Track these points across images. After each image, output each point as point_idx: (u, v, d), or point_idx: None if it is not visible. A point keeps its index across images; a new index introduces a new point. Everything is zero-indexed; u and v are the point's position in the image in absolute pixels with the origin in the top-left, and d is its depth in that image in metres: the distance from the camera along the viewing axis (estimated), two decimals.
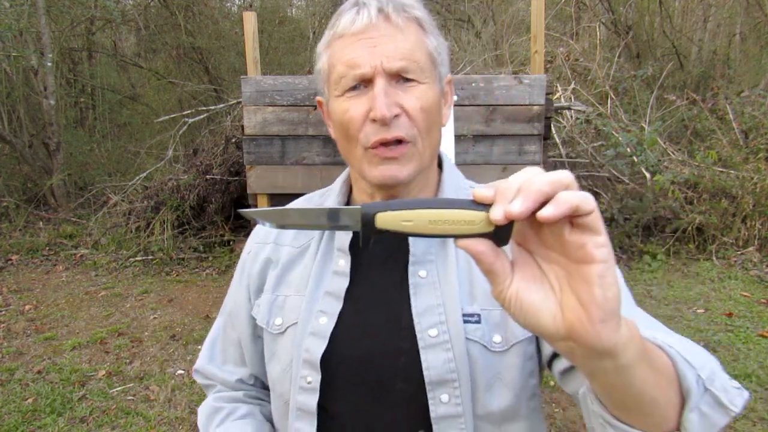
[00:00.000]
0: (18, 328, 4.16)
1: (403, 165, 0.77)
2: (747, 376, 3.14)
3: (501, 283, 0.48)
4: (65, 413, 2.97)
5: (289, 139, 4.35)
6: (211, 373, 0.97)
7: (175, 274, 5.32)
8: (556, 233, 0.46)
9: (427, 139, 0.78)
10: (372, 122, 0.75)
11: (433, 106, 0.77)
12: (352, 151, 0.80)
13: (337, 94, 0.78)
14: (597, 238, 0.44)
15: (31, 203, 7.31)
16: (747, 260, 5.03)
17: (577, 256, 0.45)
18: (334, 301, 0.81)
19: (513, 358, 0.76)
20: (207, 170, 5.69)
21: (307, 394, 0.79)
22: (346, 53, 0.75)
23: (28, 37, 7.32)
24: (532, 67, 4.26)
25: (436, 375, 0.74)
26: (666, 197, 5.40)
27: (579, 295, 0.46)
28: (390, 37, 0.74)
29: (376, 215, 0.48)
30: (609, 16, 8.93)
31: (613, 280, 0.45)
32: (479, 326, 0.76)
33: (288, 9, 11.34)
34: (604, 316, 0.45)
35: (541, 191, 0.43)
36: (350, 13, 0.75)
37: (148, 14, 9.00)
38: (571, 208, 0.43)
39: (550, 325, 0.47)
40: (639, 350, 0.50)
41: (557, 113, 5.99)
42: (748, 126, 5.94)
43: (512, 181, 0.45)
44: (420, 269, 0.79)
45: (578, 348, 0.47)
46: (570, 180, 0.44)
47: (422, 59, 0.76)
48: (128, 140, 9.06)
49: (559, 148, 5.96)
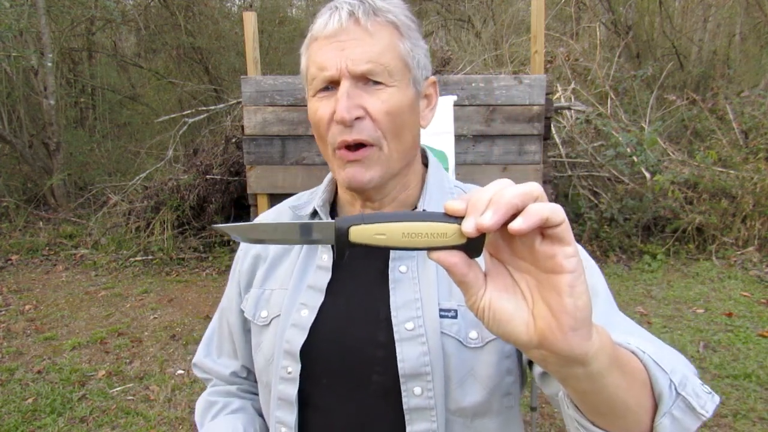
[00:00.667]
0: (18, 328, 4.16)
1: (366, 168, 0.78)
2: (747, 376, 3.14)
3: (474, 294, 0.49)
4: (65, 413, 2.97)
5: (289, 139, 4.35)
6: (208, 366, 1.00)
7: (175, 274, 5.32)
8: (527, 244, 0.47)
9: (394, 143, 0.78)
10: (336, 123, 0.77)
11: (402, 109, 0.78)
12: (325, 151, 0.82)
13: (311, 94, 0.82)
14: (566, 249, 0.45)
15: (31, 203, 7.31)
16: (747, 260, 5.04)
17: (548, 266, 0.46)
18: (316, 294, 0.83)
19: (488, 355, 0.77)
20: (207, 170, 5.69)
21: (287, 384, 0.81)
22: (318, 56, 0.77)
23: (28, 37, 7.32)
24: (532, 67, 4.26)
25: (410, 368, 0.75)
26: (666, 197, 5.40)
27: (550, 304, 0.47)
28: (358, 41, 0.75)
29: (350, 229, 0.49)
30: (609, 16, 8.93)
31: (583, 288, 0.46)
32: (455, 321, 0.77)
33: (288, 9, 11.35)
34: (575, 324, 0.46)
35: (511, 203, 0.44)
36: (324, 17, 0.78)
37: (148, 14, 9.00)
38: (541, 220, 0.43)
39: (523, 333, 0.48)
40: (610, 357, 0.51)
41: (557, 113, 5.99)
42: (748, 126, 5.94)
43: (483, 194, 0.46)
44: (400, 264, 0.81)
45: (550, 356, 0.48)
46: (539, 192, 0.45)
47: (391, 63, 0.76)
48: (128, 140, 9.07)
49: (559, 148, 5.96)
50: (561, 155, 5.96)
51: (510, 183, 0.47)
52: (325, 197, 0.91)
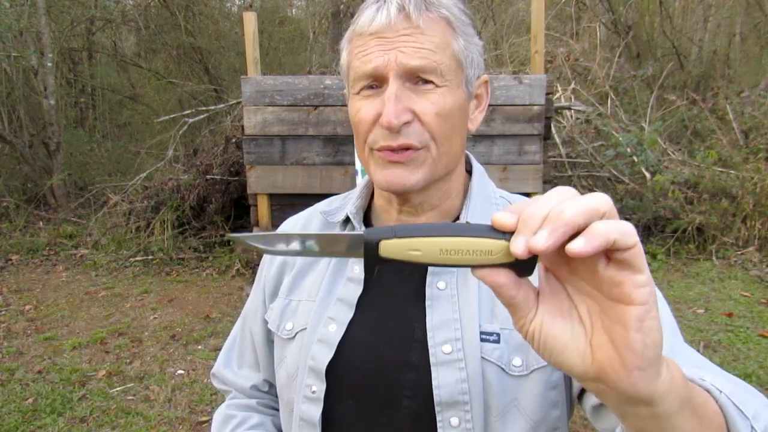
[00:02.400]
0: (18, 328, 4.16)
1: (411, 170, 0.72)
2: (747, 376, 3.14)
3: (523, 316, 0.44)
4: (65, 413, 2.97)
5: (289, 139, 4.35)
6: (227, 378, 0.95)
7: (175, 274, 5.32)
8: (588, 265, 0.41)
9: (444, 146, 0.73)
10: (381, 126, 0.71)
11: (453, 111, 0.73)
12: (362, 153, 0.77)
13: (354, 92, 0.75)
14: (637, 277, 0.39)
15: (31, 203, 7.31)
16: (747, 260, 5.04)
17: (613, 294, 0.40)
18: (345, 309, 0.78)
19: (533, 384, 0.70)
20: (207, 170, 5.69)
21: (311, 404, 0.76)
22: (362, 51, 0.72)
23: (28, 37, 7.32)
24: (532, 67, 4.27)
25: (446, 395, 0.69)
26: (666, 197, 5.40)
27: (613, 336, 0.41)
28: (408, 38, 0.70)
29: (380, 243, 0.43)
30: (609, 16, 8.93)
31: (655, 324, 0.40)
32: (498, 346, 0.71)
33: (288, 9, 11.35)
34: (642, 363, 0.40)
35: (572, 223, 0.38)
36: (370, 10, 0.72)
37: (148, 14, 9.00)
38: (606, 243, 0.37)
39: (578, 365, 0.43)
40: (682, 397, 0.44)
41: (557, 113, 5.99)
42: (748, 126, 5.95)
43: (539, 208, 0.40)
44: (438, 280, 0.75)
45: (609, 391, 0.43)
46: (607, 207, 0.39)
47: (444, 62, 0.71)
48: (128, 140, 9.07)
49: (559, 148, 5.96)
50: (561, 155, 5.96)
51: (573, 194, 0.40)
52: (359, 204, 0.85)
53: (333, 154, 4.33)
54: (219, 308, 4.43)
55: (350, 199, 0.87)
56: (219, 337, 3.88)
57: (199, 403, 3.06)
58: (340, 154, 4.31)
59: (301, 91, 4.30)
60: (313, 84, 4.29)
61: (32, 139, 8.05)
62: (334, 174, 4.33)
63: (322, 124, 4.30)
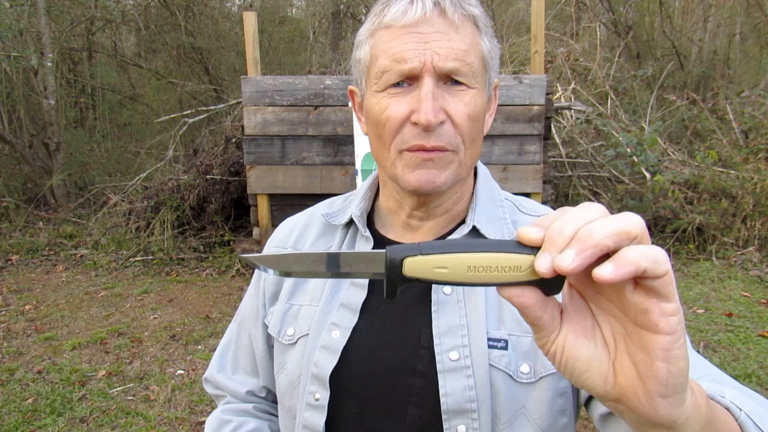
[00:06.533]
0: (18, 328, 4.16)
1: (440, 170, 0.70)
2: (747, 376, 3.14)
3: (546, 335, 0.43)
4: (65, 413, 2.97)
5: (289, 139, 4.35)
6: (221, 383, 0.92)
7: (175, 274, 5.32)
8: (616, 288, 0.39)
9: (470, 149, 0.72)
10: (413, 125, 0.68)
11: (481, 114, 0.72)
12: (383, 153, 0.73)
13: (377, 89, 0.71)
14: (666, 306, 0.37)
15: (31, 203, 7.31)
16: (747, 260, 5.03)
17: (639, 320, 0.39)
18: (349, 314, 0.76)
19: (541, 391, 0.69)
20: (207, 170, 5.69)
21: (314, 411, 0.74)
22: (392, 46, 0.68)
23: (28, 37, 7.32)
24: (532, 67, 4.27)
25: (453, 402, 0.68)
26: (666, 197, 5.40)
27: (636, 362, 0.40)
28: (444, 35, 0.67)
29: (404, 261, 0.41)
30: (609, 16, 8.93)
31: (681, 353, 0.38)
32: (505, 353, 0.69)
33: (288, 9, 11.35)
34: (665, 392, 0.39)
35: (601, 245, 0.36)
36: (401, 3, 0.68)
37: (148, 14, 9.00)
38: (636, 271, 0.35)
39: (600, 386, 0.42)
40: (704, 420, 0.43)
41: (557, 113, 5.99)
42: (748, 126, 5.95)
43: (566, 225, 0.38)
44: (445, 285, 0.76)
45: (630, 413, 0.41)
46: (639, 230, 0.37)
47: (475, 62, 0.69)
48: (128, 140, 9.07)
49: (559, 148, 5.96)
50: (561, 155, 5.96)
51: (603, 213, 0.38)
52: (363, 206, 0.82)
53: (333, 154, 4.33)
54: (219, 308, 4.43)
55: (353, 201, 0.85)
56: (219, 337, 3.88)
57: (199, 404, 3.06)
58: (340, 154, 4.31)
59: (301, 91, 4.30)
60: (313, 84, 4.29)
61: (32, 139, 8.05)
62: (334, 174, 4.33)
63: (322, 124, 4.30)
